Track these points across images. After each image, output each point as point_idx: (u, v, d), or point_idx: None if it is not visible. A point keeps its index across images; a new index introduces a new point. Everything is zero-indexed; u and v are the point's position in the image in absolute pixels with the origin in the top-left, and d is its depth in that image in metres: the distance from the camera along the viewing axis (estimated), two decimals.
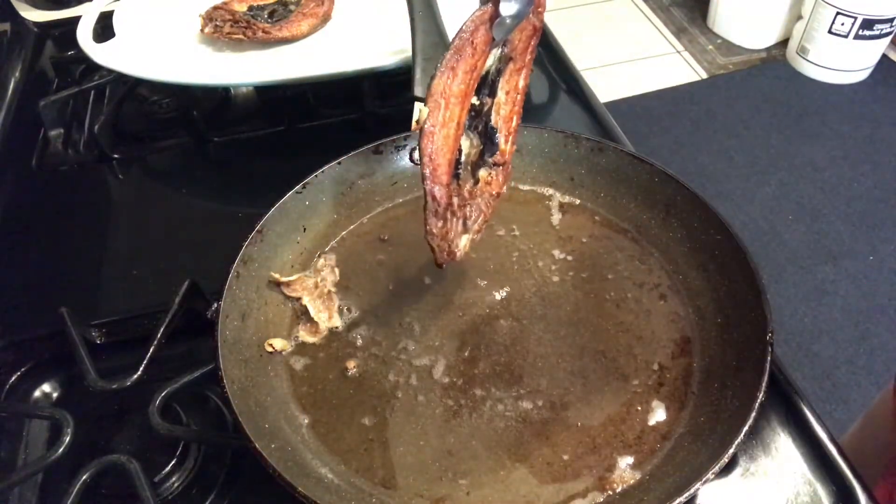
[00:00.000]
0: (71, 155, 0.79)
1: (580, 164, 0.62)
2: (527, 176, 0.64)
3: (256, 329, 0.54)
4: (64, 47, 0.94)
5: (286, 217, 0.59)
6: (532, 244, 0.61)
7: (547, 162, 0.64)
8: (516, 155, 0.59)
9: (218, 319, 0.49)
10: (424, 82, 0.59)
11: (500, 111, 0.51)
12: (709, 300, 0.54)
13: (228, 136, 0.79)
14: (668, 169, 0.58)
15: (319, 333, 0.55)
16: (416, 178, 0.61)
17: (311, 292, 0.57)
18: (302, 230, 0.60)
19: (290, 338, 0.55)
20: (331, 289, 0.58)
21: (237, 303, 0.53)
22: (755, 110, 2.17)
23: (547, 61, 0.88)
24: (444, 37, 0.61)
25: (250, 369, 0.51)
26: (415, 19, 0.61)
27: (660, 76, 2.34)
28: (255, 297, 0.55)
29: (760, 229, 1.83)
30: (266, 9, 0.79)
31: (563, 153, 0.63)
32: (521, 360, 0.53)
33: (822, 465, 0.48)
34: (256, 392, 0.49)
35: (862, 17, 2.05)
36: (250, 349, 0.52)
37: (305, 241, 0.60)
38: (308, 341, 0.55)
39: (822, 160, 2.00)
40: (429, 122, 0.44)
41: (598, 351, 0.53)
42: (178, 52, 0.76)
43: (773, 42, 2.41)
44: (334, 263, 0.60)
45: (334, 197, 0.62)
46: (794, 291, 1.67)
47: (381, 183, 0.63)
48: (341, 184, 0.62)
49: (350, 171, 0.62)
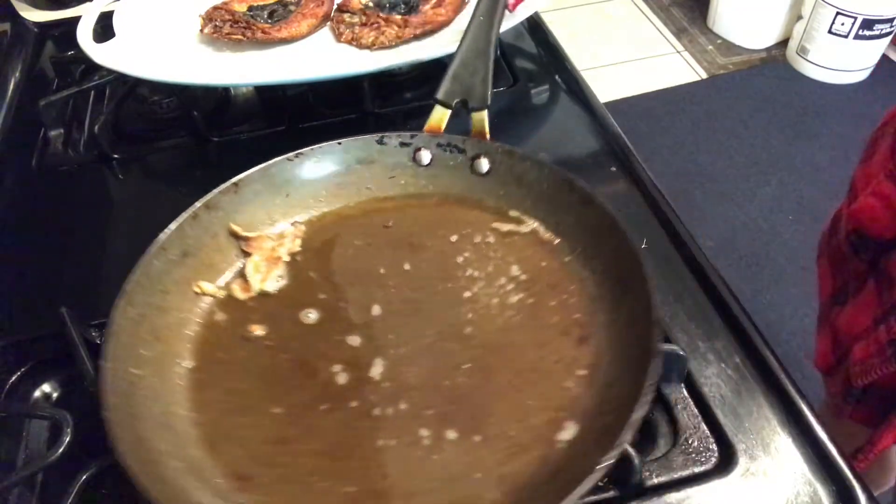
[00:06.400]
0: (71, 155, 0.79)
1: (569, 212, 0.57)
2: (521, 205, 0.59)
3: (194, 269, 0.54)
4: (64, 47, 0.94)
5: (269, 179, 0.59)
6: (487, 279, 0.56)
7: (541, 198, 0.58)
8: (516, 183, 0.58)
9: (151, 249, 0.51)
10: (449, 89, 0.60)
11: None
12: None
13: (228, 136, 0.79)
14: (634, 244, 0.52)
15: (250, 292, 0.55)
16: (414, 178, 0.61)
17: (264, 253, 0.57)
18: (284, 195, 0.60)
19: (222, 288, 0.55)
20: (282, 255, 0.57)
21: (183, 240, 0.54)
22: (755, 110, 2.17)
23: (547, 61, 0.88)
24: (491, 50, 0.61)
25: (166, 300, 0.51)
26: (472, 23, 0.61)
27: (660, 76, 2.34)
28: (208, 241, 0.56)
29: (760, 229, 1.83)
30: (266, 9, 0.79)
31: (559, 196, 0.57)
32: (447, 382, 0.49)
33: (822, 465, 0.48)
34: (156, 319, 0.50)
35: (862, 17, 2.05)
36: (176, 284, 0.53)
37: (284, 207, 0.60)
38: (238, 297, 0.55)
39: (822, 160, 2.00)
40: None
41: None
42: (178, 52, 0.76)
43: (773, 42, 2.41)
44: (301, 235, 0.59)
45: (327, 173, 0.61)
46: (794, 291, 1.67)
47: (379, 173, 0.62)
48: (338, 163, 0.61)
49: (349, 154, 0.61)
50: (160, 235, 0.53)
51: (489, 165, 0.59)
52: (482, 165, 0.59)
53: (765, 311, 1.63)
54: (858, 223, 0.70)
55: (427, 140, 0.60)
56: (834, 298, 0.76)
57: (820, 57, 2.21)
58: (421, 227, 0.59)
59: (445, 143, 0.60)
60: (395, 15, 0.76)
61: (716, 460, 0.49)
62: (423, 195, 0.61)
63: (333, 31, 0.78)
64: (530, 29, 0.92)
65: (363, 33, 0.75)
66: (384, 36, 0.74)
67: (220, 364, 0.51)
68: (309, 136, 0.69)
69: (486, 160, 0.59)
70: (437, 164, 0.61)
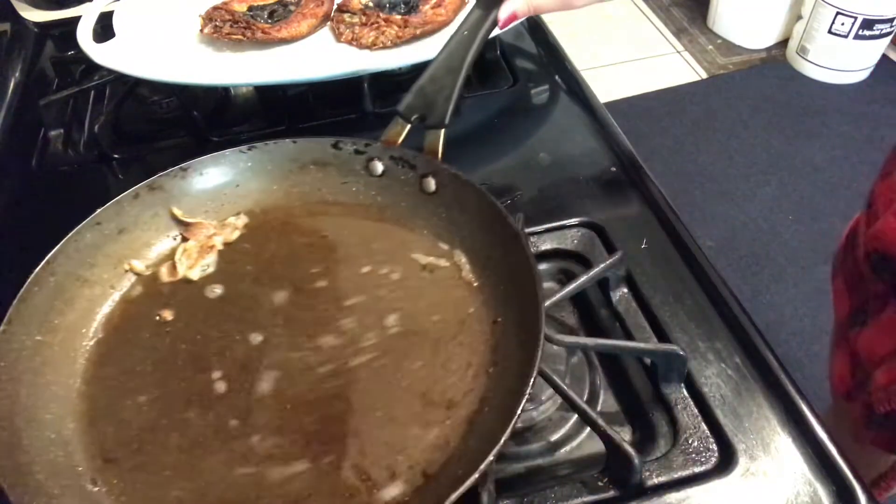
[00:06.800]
0: (71, 155, 0.79)
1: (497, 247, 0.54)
2: (458, 233, 0.57)
3: (128, 246, 0.56)
4: (64, 47, 0.94)
5: (220, 168, 0.59)
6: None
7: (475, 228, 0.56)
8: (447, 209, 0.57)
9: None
10: (411, 103, 0.58)
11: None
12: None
13: (228, 136, 0.79)
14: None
15: (174, 277, 0.56)
16: (366, 187, 0.60)
17: (200, 240, 0.58)
18: (234, 186, 0.60)
19: (150, 268, 0.56)
20: (216, 244, 0.58)
21: (121, 216, 0.55)
22: (755, 110, 2.17)
23: (547, 61, 0.88)
24: (464, 69, 0.58)
25: (92, 273, 0.53)
26: (453, 37, 0.59)
27: (660, 76, 2.34)
28: (148, 221, 0.57)
29: (760, 229, 1.83)
30: (266, 9, 0.79)
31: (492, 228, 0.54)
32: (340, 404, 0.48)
33: (822, 465, 0.48)
34: (77, 290, 0.52)
35: (862, 17, 2.05)
36: (107, 258, 0.54)
37: (233, 197, 0.60)
38: (162, 280, 0.56)
39: (822, 160, 2.00)
40: None
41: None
42: (178, 52, 0.76)
43: (773, 42, 2.41)
44: (241, 227, 0.59)
45: (280, 170, 0.61)
46: (794, 291, 1.67)
47: (333, 176, 0.61)
48: (293, 161, 0.61)
49: (304, 154, 0.61)
50: (98, 210, 0.54)
51: (436, 186, 0.57)
52: (430, 185, 0.58)
53: (765, 311, 1.63)
54: (880, 244, 0.65)
55: (381, 151, 0.59)
56: (852, 319, 0.72)
57: (820, 57, 2.21)
58: (355, 242, 0.58)
59: (398, 156, 0.59)
60: (395, 15, 0.76)
61: (716, 460, 0.49)
62: (371, 206, 0.60)
63: (333, 31, 0.78)
64: (530, 29, 0.92)
65: (363, 33, 0.75)
66: (384, 36, 0.74)
67: (125, 343, 0.52)
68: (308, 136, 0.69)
69: (434, 180, 0.57)
70: (389, 177, 0.60)
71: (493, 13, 0.57)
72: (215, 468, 0.45)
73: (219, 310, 0.54)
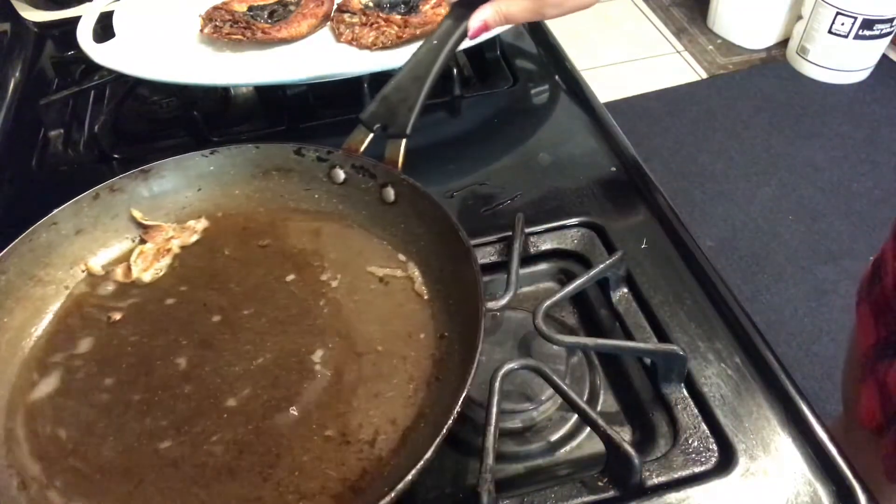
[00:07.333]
0: (71, 155, 0.79)
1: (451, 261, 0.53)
2: (415, 244, 0.56)
3: (85, 247, 0.56)
4: (64, 47, 0.94)
5: (182, 171, 0.59)
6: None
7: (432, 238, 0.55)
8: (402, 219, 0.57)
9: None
10: (374, 111, 0.58)
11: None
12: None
13: (228, 136, 0.79)
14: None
15: (129, 278, 0.56)
16: (328, 195, 0.60)
17: (158, 243, 0.58)
18: (196, 189, 0.60)
19: (105, 268, 0.56)
20: (173, 248, 0.58)
21: (79, 217, 0.55)
22: (755, 110, 2.17)
23: (547, 61, 0.88)
24: (430, 78, 0.57)
25: (47, 273, 0.53)
26: (423, 46, 0.58)
27: (660, 76, 2.34)
28: (107, 222, 0.57)
29: (760, 229, 1.83)
30: (266, 9, 0.79)
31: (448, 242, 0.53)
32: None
33: (822, 465, 0.48)
34: (30, 289, 0.53)
35: (862, 17, 2.05)
36: (62, 258, 0.55)
37: (193, 199, 0.60)
38: (117, 280, 0.56)
39: (822, 160, 2.00)
40: None
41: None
42: (178, 52, 0.76)
43: (773, 42, 2.41)
44: (200, 231, 0.59)
45: (244, 175, 0.61)
46: (794, 291, 1.67)
47: (296, 183, 0.61)
48: (256, 166, 0.61)
49: (267, 159, 0.61)
50: (55, 210, 0.54)
51: (395, 196, 0.57)
52: (389, 195, 0.57)
53: (765, 311, 1.63)
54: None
55: (342, 159, 0.59)
56: (880, 350, 0.70)
57: (820, 57, 2.21)
58: (313, 250, 0.58)
59: (359, 165, 0.58)
60: (395, 15, 0.76)
61: (716, 460, 0.49)
62: (333, 214, 0.60)
63: (333, 31, 0.78)
64: (530, 29, 0.92)
65: (363, 33, 0.75)
66: (384, 36, 0.74)
67: (73, 343, 0.52)
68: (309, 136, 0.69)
69: (393, 190, 0.57)
70: (350, 185, 0.59)
71: (464, 24, 0.57)
72: (147, 473, 0.45)
73: (167, 314, 0.54)
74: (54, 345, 0.52)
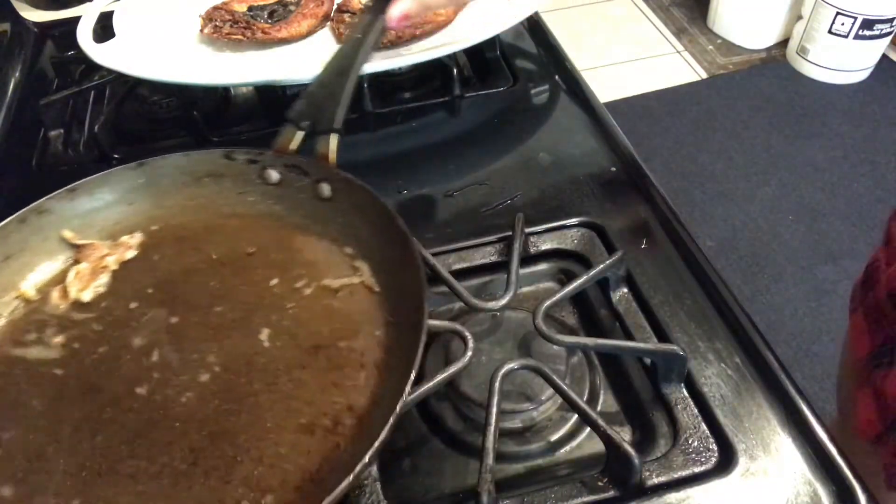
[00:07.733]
0: (71, 155, 0.79)
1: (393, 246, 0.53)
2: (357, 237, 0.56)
3: (16, 272, 0.54)
4: (64, 47, 0.94)
5: (110, 186, 0.58)
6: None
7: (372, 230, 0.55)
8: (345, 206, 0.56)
9: None
10: (301, 109, 0.57)
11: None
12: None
13: (228, 136, 0.79)
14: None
15: (66, 300, 0.54)
16: (263, 197, 0.59)
17: (93, 262, 0.56)
18: (128, 204, 0.59)
19: (40, 291, 0.55)
20: (109, 265, 0.56)
21: (6, 242, 0.53)
22: (755, 110, 2.17)
23: (547, 61, 0.88)
24: (353, 71, 0.58)
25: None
26: (348, 41, 0.58)
27: (660, 76, 2.34)
28: (37, 245, 0.55)
29: (760, 229, 1.83)
30: (266, 9, 0.79)
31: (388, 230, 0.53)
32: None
33: (822, 465, 0.48)
34: None
35: (862, 17, 2.05)
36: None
37: (126, 214, 0.59)
38: (52, 303, 0.54)
39: (822, 160, 2.00)
40: None
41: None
42: (178, 52, 0.76)
43: (773, 42, 2.41)
44: (136, 246, 0.58)
45: (175, 184, 0.60)
46: (794, 291, 1.68)
47: (230, 188, 0.60)
48: (187, 174, 0.60)
49: (197, 166, 0.60)
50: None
51: (331, 192, 0.57)
52: (324, 190, 0.57)
53: (765, 311, 1.63)
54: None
55: (274, 159, 0.58)
56: (875, 358, 0.70)
57: (820, 57, 2.21)
58: (253, 253, 0.57)
59: (291, 163, 0.58)
60: None
61: (716, 460, 0.49)
62: (270, 215, 0.59)
63: (333, 31, 0.78)
64: (530, 29, 0.92)
65: None
66: (384, 36, 0.74)
67: (14, 369, 0.50)
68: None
69: (328, 186, 0.57)
70: (285, 185, 0.58)
71: (382, 16, 0.57)
72: (103, 493, 0.44)
73: (109, 332, 0.52)
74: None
